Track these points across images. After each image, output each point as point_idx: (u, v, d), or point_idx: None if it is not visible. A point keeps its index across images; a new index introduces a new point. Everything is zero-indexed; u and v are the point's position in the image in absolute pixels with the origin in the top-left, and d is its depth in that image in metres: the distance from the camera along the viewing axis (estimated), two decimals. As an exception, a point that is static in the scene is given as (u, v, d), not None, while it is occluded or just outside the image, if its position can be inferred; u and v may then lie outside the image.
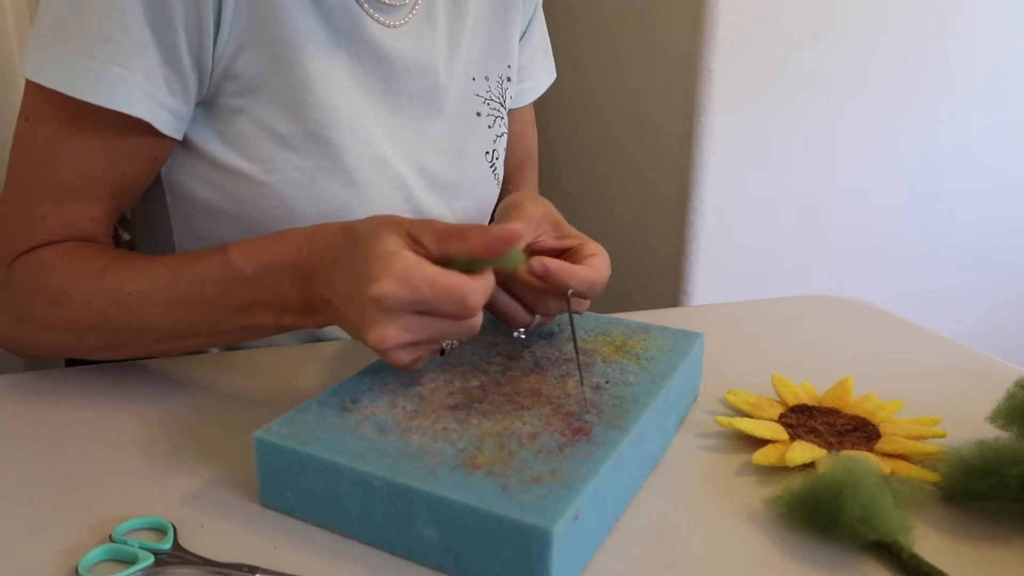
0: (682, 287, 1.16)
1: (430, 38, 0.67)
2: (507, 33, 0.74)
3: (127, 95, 0.53)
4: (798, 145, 1.17)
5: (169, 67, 0.54)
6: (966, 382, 0.61)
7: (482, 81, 0.73)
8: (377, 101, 0.65)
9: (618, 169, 1.31)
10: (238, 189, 0.61)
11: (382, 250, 0.44)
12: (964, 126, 1.28)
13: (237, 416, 0.53)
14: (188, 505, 0.43)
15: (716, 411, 0.55)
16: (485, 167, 0.73)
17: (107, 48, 0.52)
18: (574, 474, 0.38)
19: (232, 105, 0.59)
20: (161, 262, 0.55)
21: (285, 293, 0.50)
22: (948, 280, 1.36)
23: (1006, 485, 0.42)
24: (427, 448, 0.41)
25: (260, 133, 0.59)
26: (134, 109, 0.53)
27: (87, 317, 0.54)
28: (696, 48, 1.08)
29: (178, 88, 0.56)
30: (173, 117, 0.56)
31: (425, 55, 0.66)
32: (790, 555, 0.40)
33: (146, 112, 0.54)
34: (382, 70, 0.64)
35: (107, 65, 0.52)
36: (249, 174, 0.60)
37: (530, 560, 0.35)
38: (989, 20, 1.23)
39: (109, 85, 0.52)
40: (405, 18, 0.65)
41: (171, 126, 0.56)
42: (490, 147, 0.73)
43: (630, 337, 0.55)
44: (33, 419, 0.52)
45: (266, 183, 0.60)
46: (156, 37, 0.53)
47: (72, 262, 0.55)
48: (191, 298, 0.52)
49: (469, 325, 0.45)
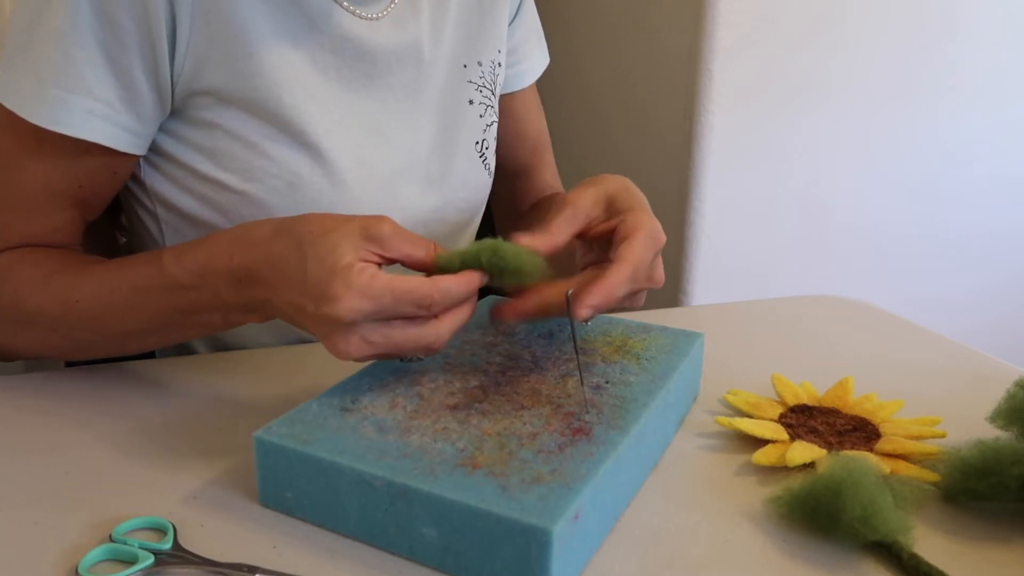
0: (682, 287, 1.16)
1: (414, 27, 0.66)
2: (496, 17, 0.73)
3: (70, 118, 0.54)
4: (798, 145, 1.17)
5: (124, 87, 0.55)
6: (966, 382, 0.61)
7: (475, 67, 0.71)
8: (361, 96, 0.64)
9: (618, 169, 1.30)
10: (221, 199, 0.61)
11: (335, 263, 0.43)
12: (964, 126, 1.28)
13: (237, 416, 0.53)
14: (188, 505, 0.43)
15: (716, 411, 0.55)
16: (475, 157, 0.72)
17: (51, 73, 0.53)
18: (574, 474, 0.38)
19: (204, 118, 0.59)
20: (104, 268, 0.55)
21: (225, 296, 0.50)
22: (948, 280, 1.36)
23: (1006, 485, 0.42)
24: (427, 448, 0.41)
25: (235, 143, 0.60)
26: (79, 132, 0.54)
27: (42, 322, 0.55)
28: (696, 48, 1.08)
29: (134, 106, 0.56)
30: (129, 134, 0.57)
31: (408, 44, 0.66)
32: (790, 555, 0.40)
33: (93, 133, 0.55)
34: (364, 64, 0.64)
35: (49, 89, 0.53)
36: (229, 184, 0.60)
37: (530, 560, 0.35)
38: (989, 20, 1.23)
39: (51, 109, 0.53)
40: (385, 9, 0.65)
41: (127, 142, 0.57)
42: (480, 136, 0.72)
43: (630, 337, 0.55)
44: (33, 419, 0.52)
45: (247, 192, 0.60)
46: (108, 59, 0.54)
47: (22, 269, 0.57)
48: (136, 303, 0.53)
49: (432, 331, 0.45)
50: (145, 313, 0.53)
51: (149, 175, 0.62)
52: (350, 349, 0.44)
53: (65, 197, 0.58)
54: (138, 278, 0.53)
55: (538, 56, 0.82)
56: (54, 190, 0.57)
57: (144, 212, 0.65)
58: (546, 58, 0.84)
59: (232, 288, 0.49)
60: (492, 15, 0.73)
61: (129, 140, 0.57)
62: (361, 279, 0.43)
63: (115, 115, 0.55)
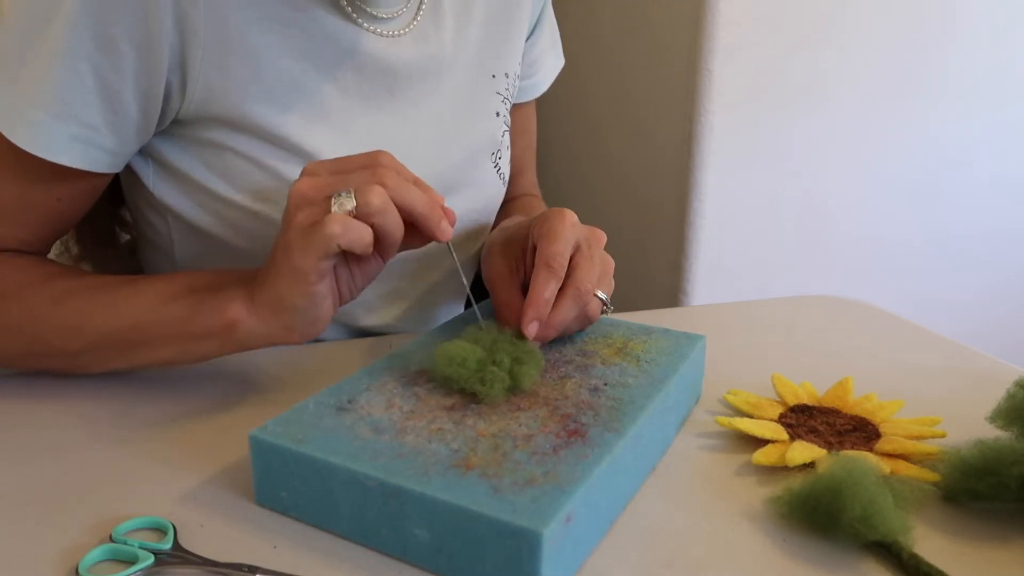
0: (682, 287, 1.16)
1: (436, 40, 0.66)
2: (518, 29, 0.73)
3: (52, 143, 0.53)
4: (798, 145, 1.17)
5: (111, 110, 0.54)
6: (966, 382, 0.61)
7: (502, 78, 0.72)
8: (384, 112, 0.63)
9: (618, 169, 1.31)
10: (232, 216, 0.61)
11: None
12: (964, 126, 1.28)
13: (237, 415, 0.53)
14: (188, 505, 0.43)
15: (716, 411, 0.54)
16: (491, 167, 0.72)
17: (40, 95, 0.52)
18: (567, 476, 0.38)
19: (214, 139, 0.58)
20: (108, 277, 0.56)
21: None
22: (948, 280, 1.36)
23: (1006, 485, 0.42)
24: (421, 449, 0.40)
25: (248, 164, 0.59)
26: (60, 158, 0.53)
27: (11, 319, 0.54)
28: (696, 48, 1.08)
29: (118, 129, 0.55)
30: (109, 155, 0.56)
31: (431, 57, 0.65)
32: (790, 555, 0.40)
33: (76, 159, 0.54)
34: (386, 80, 0.63)
35: (36, 111, 0.52)
36: (241, 203, 0.60)
37: (521, 562, 0.35)
38: (989, 21, 1.23)
39: (34, 132, 0.52)
40: (407, 27, 0.64)
41: (106, 163, 0.56)
42: (497, 147, 0.72)
43: (631, 339, 0.55)
44: (33, 419, 0.52)
45: (260, 212, 0.60)
46: (100, 83, 0.52)
47: (8, 270, 0.56)
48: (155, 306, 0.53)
49: (378, 173, 0.47)
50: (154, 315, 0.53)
51: (157, 186, 0.61)
52: (301, 185, 0.47)
53: (39, 211, 0.58)
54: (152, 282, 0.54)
55: (550, 65, 0.83)
56: (30, 203, 0.57)
57: (155, 219, 0.65)
58: (559, 63, 0.84)
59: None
60: (516, 27, 0.73)
61: (108, 162, 0.56)
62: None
63: (98, 138, 0.54)
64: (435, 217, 0.48)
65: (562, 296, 0.51)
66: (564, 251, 0.51)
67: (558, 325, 0.51)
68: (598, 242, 0.55)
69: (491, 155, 0.72)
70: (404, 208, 0.47)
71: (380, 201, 0.46)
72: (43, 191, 0.56)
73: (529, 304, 0.50)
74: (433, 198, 0.49)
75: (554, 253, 0.51)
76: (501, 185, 0.74)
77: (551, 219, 0.53)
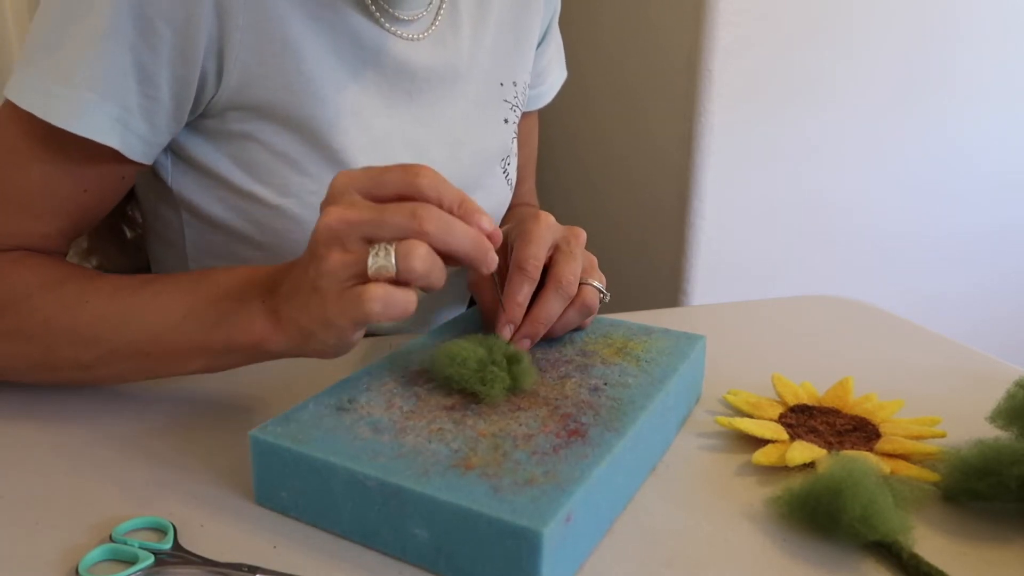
0: (682, 287, 1.16)
1: (453, 45, 0.67)
2: (528, 38, 0.74)
3: (99, 123, 0.52)
4: (798, 145, 1.17)
5: (145, 95, 0.54)
6: (966, 382, 0.61)
7: (511, 87, 0.72)
8: (400, 113, 0.64)
9: (618, 169, 1.31)
10: (253, 210, 0.60)
11: None
12: (965, 126, 1.28)
13: (238, 415, 0.53)
14: (188, 505, 0.43)
15: (716, 411, 0.54)
16: (499, 172, 0.73)
17: (84, 75, 0.51)
18: (567, 476, 0.38)
19: (241, 130, 0.58)
20: (125, 279, 0.53)
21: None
22: (948, 280, 1.36)
23: (1006, 485, 0.42)
24: (421, 449, 0.40)
25: (273, 157, 0.59)
26: (106, 138, 0.53)
27: (23, 324, 0.51)
28: (696, 48, 1.08)
29: (150, 115, 0.55)
30: (143, 143, 0.55)
31: (447, 63, 0.66)
32: (790, 555, 0.40)
33: (117, 141, 0.53)
34: (405, 82, 0.64)
35: (82, 91, 0.51)
36: (263, 197, 0.60)
37: (520, 562, 0.35)
38: (991, 19, 1.23)
39: (75, 111, 0.51)
40: (426, 31, 0.65)
41: (140, 152, 0.55)
42: (506, 154, 0.73)
43: (631, 339, 0.55)
44: (33, 419, 0.52)
45: (281, 206, 0.60)
46: (137, 65, 0.52)
47: (23, 271, 0.54)
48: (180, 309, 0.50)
49: (421, 211, 0.42)
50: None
51: (176, 180, 0.61)
52: (330, 215, 0.42)
53: (65, 203, 0.56)
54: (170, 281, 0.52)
55: (556, 76, 0.83)
56: (55, 194, 0.56)
57: (168, 214, 0.64)
58: (563, 74, 0.84)
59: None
60: (526, 36, 0.74)
61: (141, 149, 0.56)
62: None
63: (133, 122, 0.54)
64: (482, 254, 0.44)
65: (545, 291, 0.52)
66: (538, 253, 0.52)
67: (545, 320, 0.52)
68: (578, 239, 0.55)
69: (501, 161, 0.72)
70: (451, 255, 0.44)
71: (423, 268, 0.42)
72: (71, 180, 0.55)
73: (503, 308, 0.51)
74: (480, 225, 0.44)
75: (527, 256, 0.51)
76: (509, 191, 0.75)
77: (526, 222, 0.54)
